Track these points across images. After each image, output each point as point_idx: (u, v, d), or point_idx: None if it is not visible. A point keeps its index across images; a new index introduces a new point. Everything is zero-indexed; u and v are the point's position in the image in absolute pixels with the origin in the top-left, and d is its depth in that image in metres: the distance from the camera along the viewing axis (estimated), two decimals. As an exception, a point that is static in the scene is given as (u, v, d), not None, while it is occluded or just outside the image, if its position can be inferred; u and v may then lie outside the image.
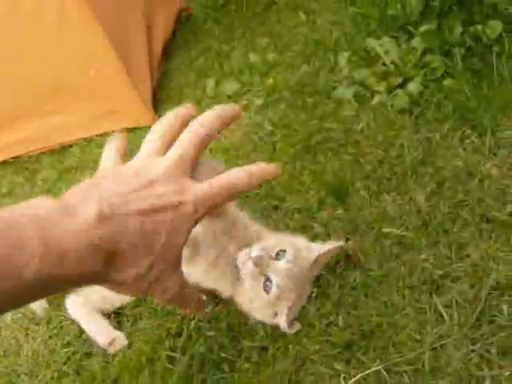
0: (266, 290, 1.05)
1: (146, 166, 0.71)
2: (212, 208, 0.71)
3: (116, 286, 0.68)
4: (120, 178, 0.69)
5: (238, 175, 0.74)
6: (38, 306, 1.36)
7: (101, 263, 0.62)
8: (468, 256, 1.10)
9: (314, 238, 1.25)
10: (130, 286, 0.68)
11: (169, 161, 0.71)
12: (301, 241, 1.14)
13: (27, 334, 1.36)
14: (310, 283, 1.13)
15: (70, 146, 2.04)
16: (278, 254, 1.07)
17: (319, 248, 1.12)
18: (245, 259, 1.06)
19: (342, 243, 1.14)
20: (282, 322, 1.07)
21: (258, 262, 1.04)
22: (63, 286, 0.64)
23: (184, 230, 0.69)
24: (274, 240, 1.11)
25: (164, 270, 0.70)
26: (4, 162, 2.12)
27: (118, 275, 0.65)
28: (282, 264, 1.06)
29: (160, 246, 0.67)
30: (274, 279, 1.05)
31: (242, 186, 0.74)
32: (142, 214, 0.65)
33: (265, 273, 1.06)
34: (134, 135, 1.92)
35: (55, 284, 0.61)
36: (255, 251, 1.05)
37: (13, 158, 2.11)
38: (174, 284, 0.73)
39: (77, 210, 0.62)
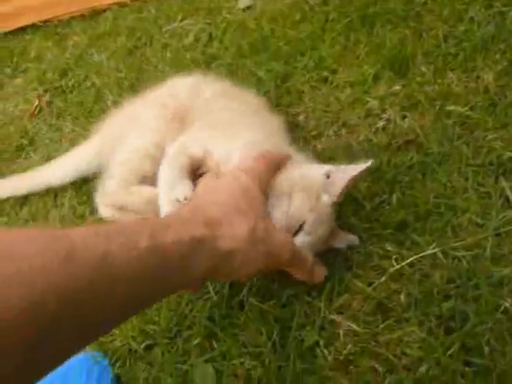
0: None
1: None
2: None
3: (233, 256, 0.73)
4: None
5: None
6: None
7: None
8: (542, 140, 1.00)
9: (367, 112, 1.15)
10: (247, 252, 0.74)
11: None
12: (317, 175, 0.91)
13: (55, 200, 1.30)
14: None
15: (103, 10, 1.91)
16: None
17: (340, 179, 0.89)
18: None
19: (368, 163, 0.88)
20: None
21: None
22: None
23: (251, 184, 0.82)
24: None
25: (268, 224, 0.80)
26: (33, 26, 2.01)
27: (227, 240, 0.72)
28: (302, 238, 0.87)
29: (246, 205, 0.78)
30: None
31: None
32: None
33: None
34: None
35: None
36: None
37: (42, 21, 1.99)
38: (282, 238, 0.81)
39: None
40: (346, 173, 0.88)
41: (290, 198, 0.87)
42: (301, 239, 0.86)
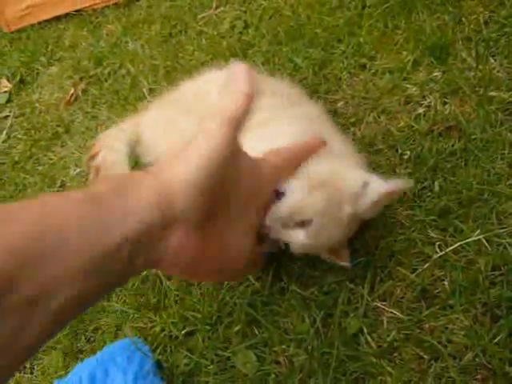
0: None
1: None
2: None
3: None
4: None
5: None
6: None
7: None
8: None
9: (407, 99, 1.14)
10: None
11: None
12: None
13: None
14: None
15: (137, -1, 1.91)
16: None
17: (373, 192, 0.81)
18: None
19: (411, 183, 0.87)
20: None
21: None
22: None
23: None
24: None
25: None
26: (67, 16, 2.01)
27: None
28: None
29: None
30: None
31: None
32: None
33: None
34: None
35: None
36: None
37: (76, 11, 2.00)
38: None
39: None
40: (382, 186, 0.80)
41: (307, 191, 0.80)
42: (300, 237, 0.80)
